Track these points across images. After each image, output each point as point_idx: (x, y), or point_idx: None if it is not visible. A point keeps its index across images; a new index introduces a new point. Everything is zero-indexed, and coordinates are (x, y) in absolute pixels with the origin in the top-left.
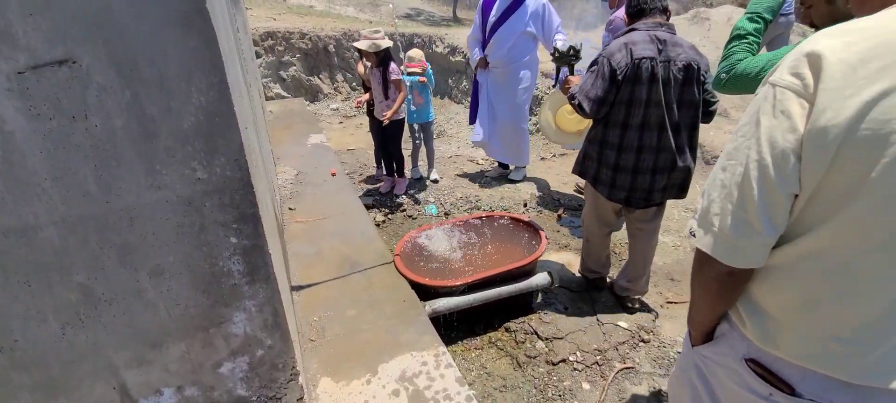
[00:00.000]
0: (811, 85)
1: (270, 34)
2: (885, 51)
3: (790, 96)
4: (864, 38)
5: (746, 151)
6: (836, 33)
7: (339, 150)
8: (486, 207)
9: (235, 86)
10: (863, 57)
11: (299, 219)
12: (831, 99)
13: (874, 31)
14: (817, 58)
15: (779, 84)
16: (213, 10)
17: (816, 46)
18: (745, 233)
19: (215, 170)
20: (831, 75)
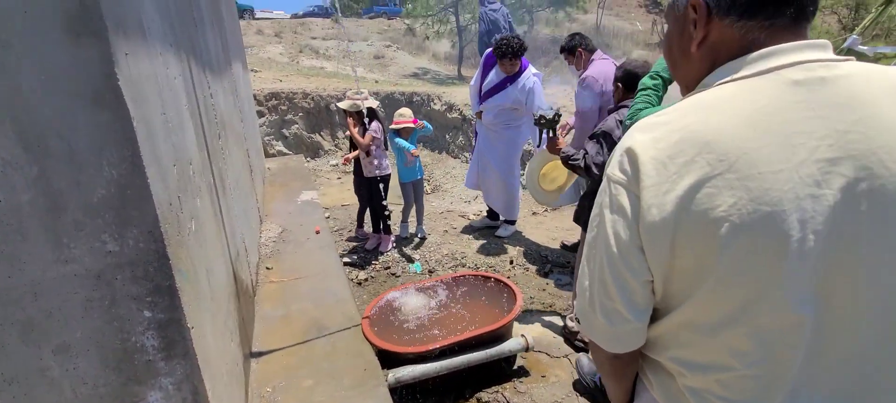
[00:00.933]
0: (634, 180)
1: (275, 94)
2: (687, 146)
3: (621, 190)
4: (668, 134)
5: (601, 243)
6: (645, 128)
7: (333, 206)
8: (472, 265)
9: (168, 155)
10: (670, 153)
11: (274, 279)
12: (652, 196)
13: (675, 126)
14: (633, 154)
15: (611, 178)
16: (137, 85)
17: (632, 142)
18: (616, 321)
19: (127, 242)
20: (647, 173)
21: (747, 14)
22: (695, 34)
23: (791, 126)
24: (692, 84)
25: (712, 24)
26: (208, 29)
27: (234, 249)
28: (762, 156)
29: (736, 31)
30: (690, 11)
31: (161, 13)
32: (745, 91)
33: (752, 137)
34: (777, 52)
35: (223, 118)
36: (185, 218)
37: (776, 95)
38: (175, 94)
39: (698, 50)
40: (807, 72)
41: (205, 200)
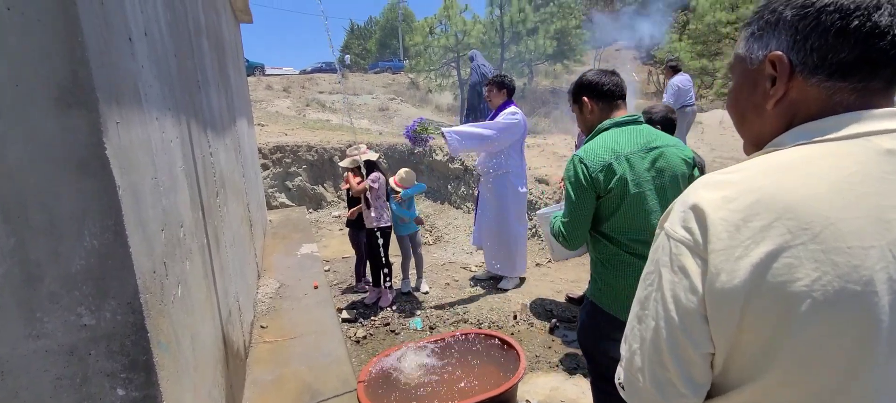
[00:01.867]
0: (701, 242)
1: (279, 147)
2: (763, 209)
3: (684, 251)
4: (741, 194)
5: (655, 306)
6: (713, 185)
7: (334, 259)
8: (474, 321)
9: (156, 220)
10: (744, 215)
11: (268, 339)
12: (722, 260)
13: (749, 186)
14: (701, 213)
15: (672, 236)
16: (127, 152)
17: (698, 199)
18: (669, 394)
19: (104, 314)
20: (717, 235)
21: (838, 75)
22: (773, 91)
23: (884, 199)
24: (762, 142)
25: (794, 82)
26: (212, 89)
27: (225, 310)
28: (851, 229)
29: (822, 91)
30: (768, 67)
31: (161, 79)
32: (829, 155)
33: (839, 207)
34: (868, 116)
35: (223, 175)
36: (170, 284)
37: (867, 164)
38: (170, 157)
39: (775, 108)
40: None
41: (195, 262)
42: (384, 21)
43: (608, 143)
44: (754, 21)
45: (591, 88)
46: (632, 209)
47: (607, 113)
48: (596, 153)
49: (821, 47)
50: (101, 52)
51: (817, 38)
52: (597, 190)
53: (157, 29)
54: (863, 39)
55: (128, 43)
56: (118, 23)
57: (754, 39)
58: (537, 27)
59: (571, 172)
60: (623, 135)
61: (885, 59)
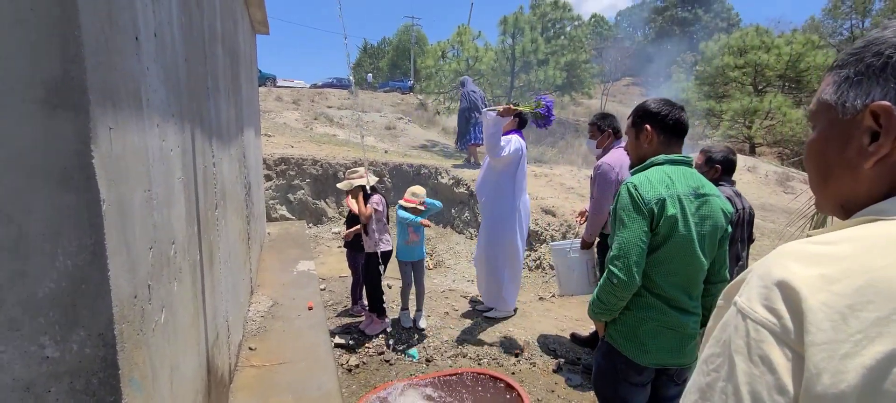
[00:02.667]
0: (792, 329)
1: (284, 160)
2: (877, 296)
3: (768, 338)
4: (846, 275)
5: (723, 399)
6: (807, 258)
7: (331, 277)
8: (473, 355)
9: (144, 237)
10: (851, 303)
11: (255, 363)
12: (825, 359)
13: (855, 264)
14: (794, 293)
15: (750, 316)
16: (118, 162)
17: (789, 276)
18: None
19: (71, 346)
20: (818, 325)
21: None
22: (874, 148)
23: None
24: (852, 206)
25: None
26: (222, 98)
27: (213, 333)
28: None
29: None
30: (869, 119)
31: (168, 83)
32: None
33: None
34: None
35: (225, 187)
36: (153, 310)
37: None
38: (168, 168)
39: (874, 168)
40: None
41: (185, 283)
42: (397, 42)
43: (663, 178)
44: (850, 63)
45: (658, 118)
46: (674, 251)
47: (666, 147)
48: (651, 183)
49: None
50: (101, 50)
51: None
52: (653, 220)
53: (169, 31)
54: None
55: (134, 43)
56: (125, 20)
57: (850, 85)
58: (548, 58)
59: (626, 199)
60: (676, 174)
61: None
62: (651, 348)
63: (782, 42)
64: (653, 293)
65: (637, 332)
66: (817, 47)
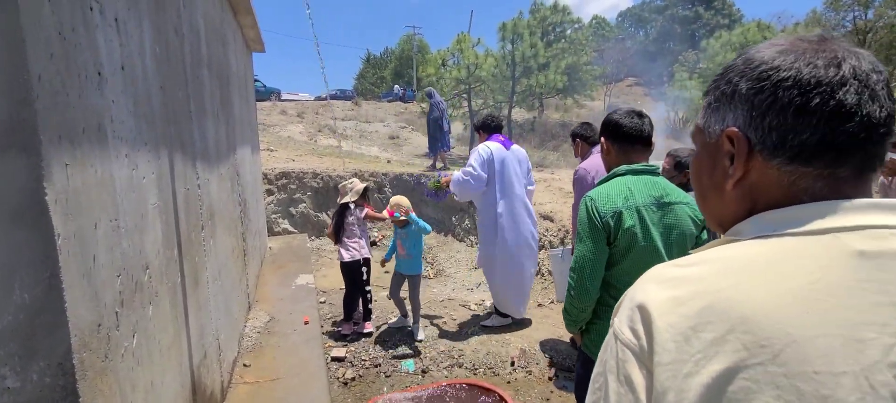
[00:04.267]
0: (646, 349)
1: (285, 174)
2: (716, 316)
3: (630, 358)
4: (693, 296)
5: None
6: (664, 281)
7: (331, 290)
8: (469, 364)
9: (109, 266)
10: (693, 324)
11: (248, 379)
12: (670, 377)
13: (701, 287)
14: (647, 314)
15: (619, 337)
16: (76, 196)
17: (645, 298)
18: None
19: (31, 377)
20: (663, 345)
21: (800, 159)
22: (731, 171)
23: (857, 314)
24: (724, 224)
25: (754, 163)
26: (208, 119)
27: (199, 352)
28: (818, 350)
29: (783, 175)
30: (726, 143)
31: (137, 112)
32: (792, 255)
33: (804, 322)
34: (837, 209)
35: (213, 207)
36: (122, 336)
37: (835, 268)
38: (140, 195)
39: (734, 189)
40: (877, 242)
41: (162, 306)
42: (400, 51)
43: (622, 190)
44: (711, 90)
45: (610, 129)
46: (636, 263)
47: (624, 157)
48: (609, 196)
49: (779, 126)
50: (55, 90)
51: (775, 115)
52: (607, 236)
53: (139, 62)
54: (826, 120)
55: (96, 78)
56: (84, 59)
57: (711, 111)
58: (548, 62)
59: (583, 213)
60: (638, 184)
61: (852, 144)
62: None
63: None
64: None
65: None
66: None
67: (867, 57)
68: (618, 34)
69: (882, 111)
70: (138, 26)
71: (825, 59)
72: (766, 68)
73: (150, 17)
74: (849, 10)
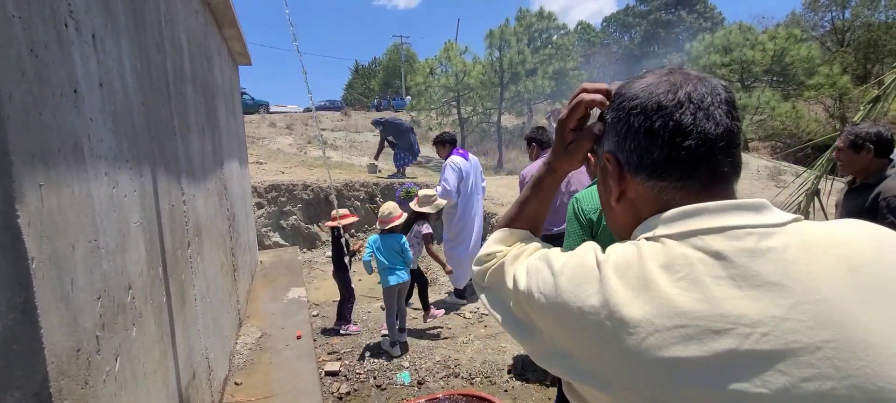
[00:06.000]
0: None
1: (275, 186)
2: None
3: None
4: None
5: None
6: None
7: (324, 302)
8: (466, 374)
9: (89, 288)
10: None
11: (240, 398)
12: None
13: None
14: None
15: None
16: (52, 217)
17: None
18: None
19: None
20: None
21: (656, 175)
22: (612, 188)
23: (715, 306)
24: (622, 235)
25: (627, 181)
26: (194, 135)
27: (188, 372)
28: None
29: (648, 189)
30: (607, 164)
31: (117, 130)
32: (660, 254)
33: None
34: (697, 212)
35: (200, 223)
36: (103, 360)
37: (693, 265)
38: (122, 213)
39: (618, 204)
40: (732, 242)
41: (146, 327)
42: (387, 61)
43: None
44: (603, 115)
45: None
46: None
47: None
48: (592, 197)
49: (636, 148)
50: (27, 110)
51: (631, 139)
52: (592, 229)
53: (118, 79)
54: (668, 139)
55: (72, 96)
56: (59, 77)
57: (601, 137)
58: (536, 68)
59: (570, 212)
60: None
61: (694, 158)
62: None
63: (766, 38)
64: None
65: None
66: (800, 41)
67: (708, 82)
68: (603, 39)
69: (718, 127)
70: (116, 43)
71: (666, 87)
72: (622, 99)
73: (130, 33)
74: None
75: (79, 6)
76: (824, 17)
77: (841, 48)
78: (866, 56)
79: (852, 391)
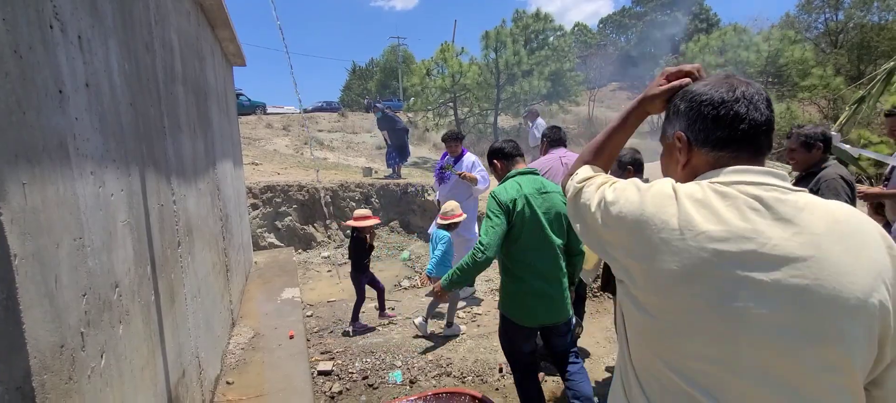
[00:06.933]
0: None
1: (270, 187)
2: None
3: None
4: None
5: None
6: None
7: (318, 303)
8: (458, 373)
9: (74, 286)
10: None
11: (231, 397)
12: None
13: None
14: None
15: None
16: (36, 215)
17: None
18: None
19: None
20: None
21: (718, 147)
22: (680, 158)
23: (748, 224)
24: None
25: (693, 152)
26: (185, 135)
27: (177, 371)
28: (715, 225)
29: (710, 158)
30: (676, 141)
31: (104, 130)
32: (719, 190)
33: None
34: (745, 171)
35: (191, 223)
36: (88, 356)
37: (737, 202)
38: (109, 212)
39: (682, 171)
40: (765, 192)
41: (134, 324)
42: (384, 62)
43: (515, 186)
44: (668, 110)
45: (499, 153)
46: (528, 234)
47: (511, 165)
48: (506, 191)
49: (704, 129)
50: (10, 110)
51: (701, 122)
52: (508, 216)
53: (106, 80)
54: (729, 124)
55: (57, 96)
56: (43, 77)
57: (668, 123)
58: (532, 69)
59: (491, 202)
60: (525, 181)
61: (745, 137)
62: (529, 313)
63: (760, 39)
64: (520, 266)
65: (513, 296)
66: (794, 42)
67: (753, 85)
68: (599, 40)
69: (762, 116)
70: (104, 44)
71: (726, 87)
72: (693, 95)
73: (118, 34)
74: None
75: (64, 8)
76: (818, 19)
77: (834, 49)
78: (859, 57)
79: (819, 288)
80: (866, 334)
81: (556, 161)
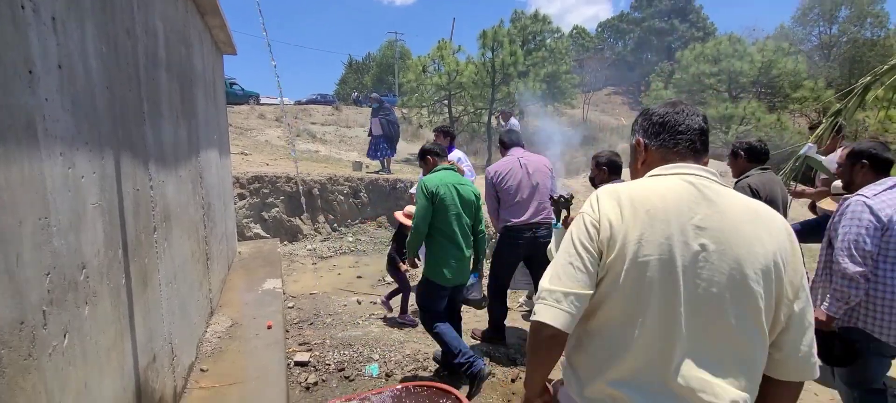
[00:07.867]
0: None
1: (258, 178)
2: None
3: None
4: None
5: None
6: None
7: (301, 294)
8: (433, 367)
9: (37, 264)
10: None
11: (204, 384)
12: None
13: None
14: (596, 197)
15: (583, 212)
16: None
17: (597, 193)
18: None
19: None
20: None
21: (664, 147)
22: (639, 158)
23: (683, 203)
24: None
25: (648, 153)
26: (165, 121)
27: (147, 355)
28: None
29: (660, 155)
30: (636, 145)
31: (76, 112)
32: (662, 182)
33: (661, 202)
34: (685, 165)
35: (169, 209)
36: (49, 335)
37: (678, 187)
38: (77, 194)
39: (642, 167)
40: (698, 179)
41: (101, 306)
42: (381, 57)
43: (439, 177)
44: (633, 124)
45: (430, 152)
46: (447, 215)
47: (437, 162)
48: (434, 181)
49: (654, 133)
50: None
51: (651, 128)
52: (433, 201)
53: (80, 62)
54: (672, 128)
55: (26, 76)
56: (12, 57)
57: (633, 132)
58: (528, 70)
59: (419, 190)
60: (447, 175)
61: (685, 140)
62: (447, 274)
63: (754, 50)
64: (442, 236)
65: (438, 261)
66: (787, 54)
67: (691, 106)
68: (597, 44)
69: (696, 123)
70: (79, 26)
71: (671, 106)
72: (649, 112)
73: (95, 17)
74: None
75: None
76: (812, 32)
77: (827, 62)
78: (851, 71)
79: (725, 254)
80: (768, 292)
81: (515, 161)
